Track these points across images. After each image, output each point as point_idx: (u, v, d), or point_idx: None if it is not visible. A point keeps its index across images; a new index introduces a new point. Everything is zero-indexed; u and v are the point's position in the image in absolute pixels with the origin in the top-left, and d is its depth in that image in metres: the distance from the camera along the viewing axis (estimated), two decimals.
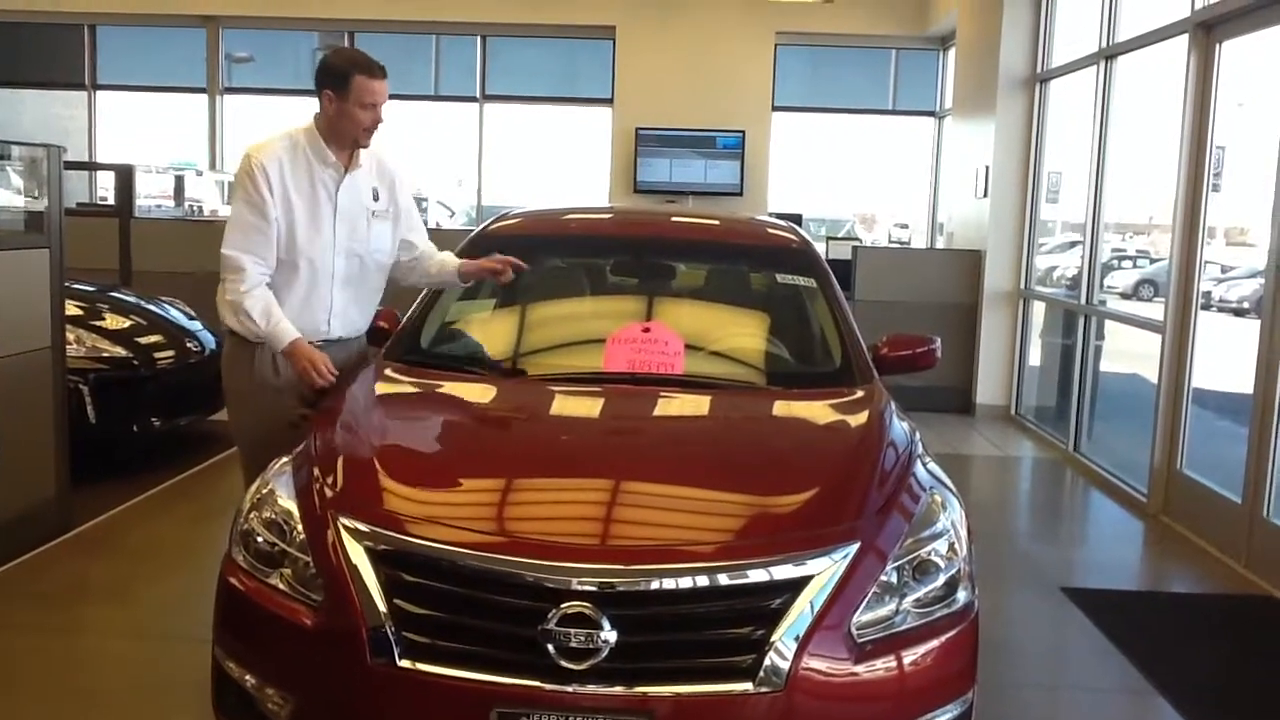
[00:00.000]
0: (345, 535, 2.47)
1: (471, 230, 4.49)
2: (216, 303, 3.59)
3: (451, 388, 3.50)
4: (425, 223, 4.00)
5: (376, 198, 3.66)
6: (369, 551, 2.44)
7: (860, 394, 3.47)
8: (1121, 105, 7.13)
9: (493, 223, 4.39)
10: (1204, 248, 5.80)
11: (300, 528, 2.58)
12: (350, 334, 3.69)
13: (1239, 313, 6.26)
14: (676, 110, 11.10)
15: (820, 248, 4.48)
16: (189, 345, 6.29)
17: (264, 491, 2.75)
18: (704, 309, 4.20)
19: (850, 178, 12.87)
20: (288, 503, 2.66)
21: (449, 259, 3.82)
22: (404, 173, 3.81)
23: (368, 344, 3.81)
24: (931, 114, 11.76)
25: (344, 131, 3.50)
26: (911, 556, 2.57)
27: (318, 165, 3.51)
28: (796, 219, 9.59)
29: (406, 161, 3.74)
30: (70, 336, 5.26)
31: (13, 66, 12.41)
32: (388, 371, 3.53)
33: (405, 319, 3.88)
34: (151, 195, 11.75)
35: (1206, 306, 5.96)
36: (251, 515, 2.71)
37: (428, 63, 12.10)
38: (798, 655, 2.31)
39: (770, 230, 4.55)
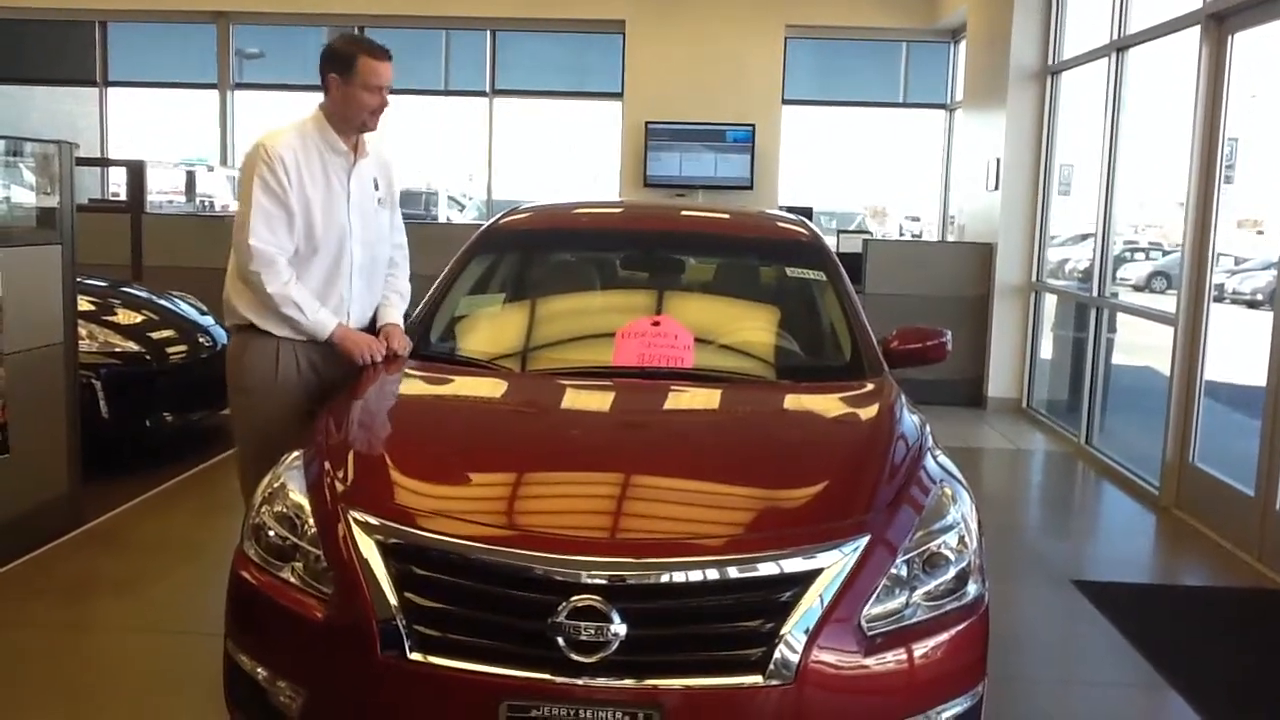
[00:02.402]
0: (356, 529, 2.48)
1: (481, 224, 4.49)
2: (228, 295, 3.58)
3: (461, 382, 3.51)
4: (435, 217, 4.00)
5: (377, 186, 3.69)
6: (379, 545, 2.44)
7: (870, 387, 3.46)
8: (1133, 97, 7.10)
9: (502, 217, 4.40)
10: (1216, 240, 5.77)
11: (311, 521, 2.59)
12: (362, 324, 3.70)
13: (1252, 304, 6.23)
14: (686, 104, 11.08)
15: (830, 241, 4.47)
16: (201, 340, 6.31)
17: (275, 485, 2.75)
18: (714, 303, 4.19)
19: (861, 171, 12.84)
20: (299, 497, 2.67)
21: (387, 310, 3.74)
22: (397, 166, 3.83)
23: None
24: (942, 107, 11.72)
25: (351, 116, 3.51)
26: (921, 549, 2.56)
27: (329, 154, 3.52)
28: (807, 212, 9.57)
29: (413, 156, 3.76)
30: (82, 332, 5.28)
31: (24, 63, 12.46)
32: (398, 366, 3.53)
33: (415, 314, 3.89)
34: (163, 191, 11.79)
35: (1219, 298, 5.94)
36: (263, 509, 2.72)
37: (437, 57, 12.10)
38: (808, 648, 2.31)
39: (780, 224, 4.55)
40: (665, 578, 2.36)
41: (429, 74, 11.95)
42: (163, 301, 6.56)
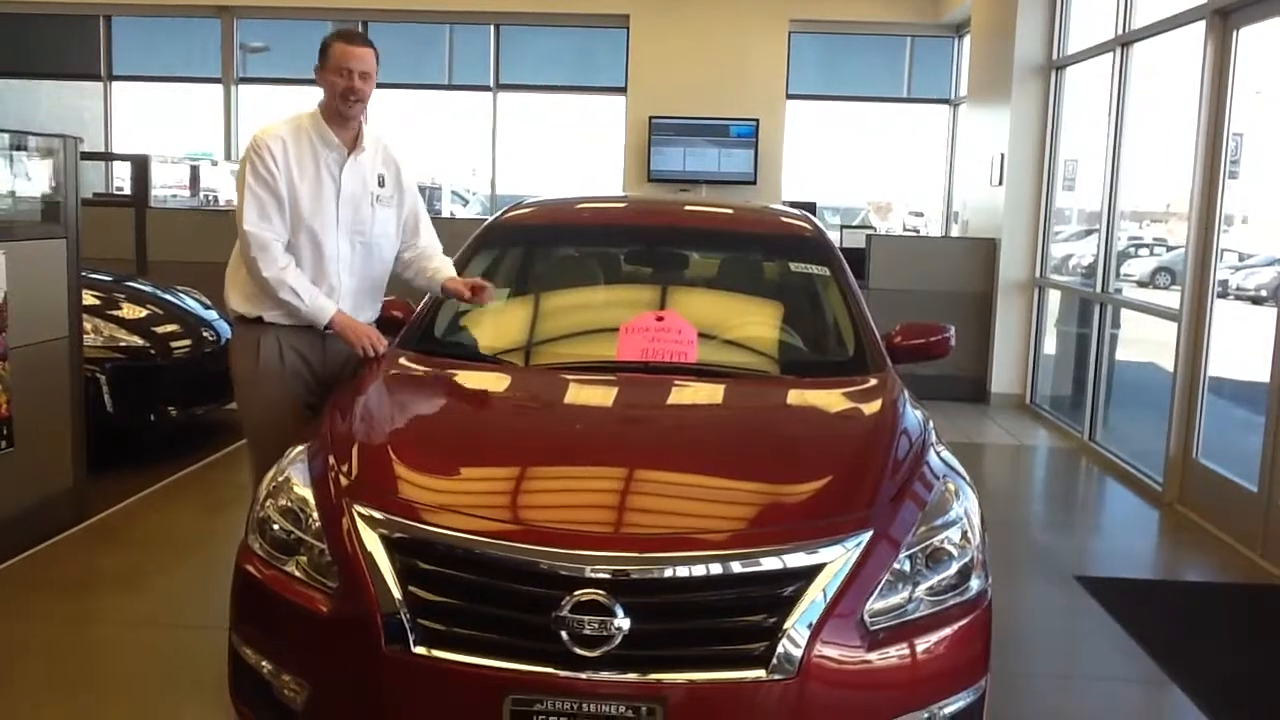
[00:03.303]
0: (360, 523, 2.49)
1: (485, 219, 4.50)
2: (226, 287, 3.61)
3: (465, 376, 3.51)
4: (439, 212, 4.01)
5: (382, 183, 3.68)
6: (384, 539, 2.45)
7: (874, 382, 3.46)
8: (1138, 92, 7.09)
9: (506, 212, 4.40)
10: (1220, 235, 5.77)
11: (316, 515, 2.60)
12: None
13: (1256, 300, 6.22)
14: (690, 99, 11.08)
15: (834, 236, 4.47)
16: (205, 334, 6.31)
17: (280, 479, 2.76)
18: (717, 298, 4.19)
19: (865, 166, 12.84)
20: (303, 490, 2.68)
21: (443, 268, 3.80)
22: (410, 162, 3.83)
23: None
24: (946, 101, 11.71)
25: (330, 104, 3.53)
26: (924, 545, 2.57)
27: (321, 147, 3.54)
28: (811, 207, 9.56)
29: (416, 151, 3.76)
30: (87, 326, 5.28)
31: (29, 57, 12.48)
32: (402, 360, 3.54)
33: (419, 308, 3.89)
34: (167, 185, 11.80)
35: (1223, 294, 5.93)
36: (267, 503, 2.73)
37: (441, 52, 12.10)
38: (810, 643, 2.32)
39: (784, 219, 4.54)
40: (668, 572, 2.36)
41: (433, 69, 11.95)
42: (167, 296, 6.56)
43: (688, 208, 5.25)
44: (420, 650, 2.34)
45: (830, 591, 2.38)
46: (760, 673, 2.30)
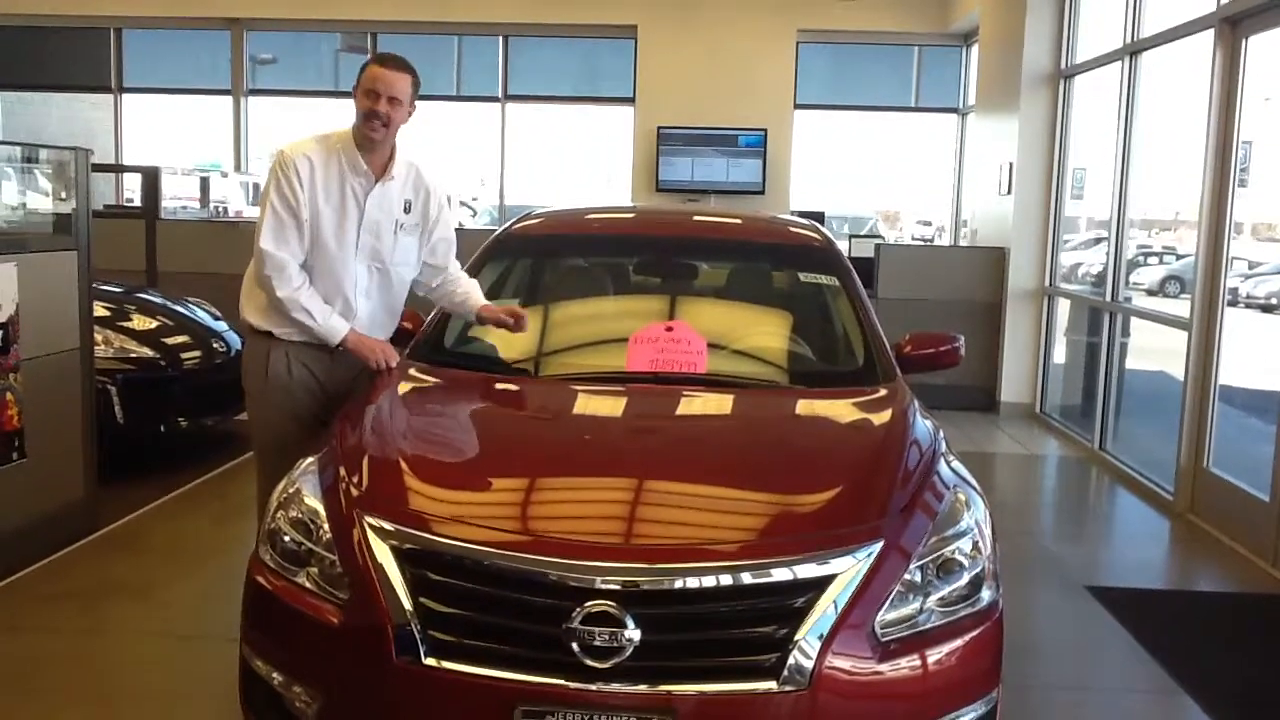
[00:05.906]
0: (371, 534, 2.49)
1: (494, 230, 4.50)
2: (242, 299, 3.62)
3: (475, 387, 3.52)
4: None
5: (408, 210, 3.65)
6: (394, 550, 2.45)
7: (883, 392, 3.46)
8: (1147, 101, 7.08)
9: (516, 222, 4.41)
10: (1230, 243, 5.75)
11: (326, 527, 2.60)
12: None
13: (1266, 309, 6.21)
14: (698, 109, 11.09)
15: (843, 246, 4.47)
16: (215, 346, 6.33)
17: (290, 491, 2.77)
18: (727, 308, 4.20)
19: (873, 175, 12.83)
20: (314, 502, 2.68)
21: (473, 292, 3.75)
22: (442, 190, 3.78)
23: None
24: (955, 111, 11.70)
25: (358, 127, 3.52)
26: (935, 555, 2.56)
27: (349, 172, 3.52)
28: (819, 217, 9.56)
29: (425, 161, 3.73)
30: (98, 337, 5.30)
31: (40, 70, 12.54)
32: (412, 371, 3.55)
33: (429, 319, 3.90)
34: (177, 197, 11.83)
35: (1233, 303, 5.91)
36: (278, 514, 2.73)
37: (450, 63, 12.13)
38: (821, 654, 2.31)
39: (792, 229, 4.55)
40: (679, 583, 2.36)
41: (442, 80, 11.98)
42: (177, 307, 6.59)
43: (696, 218, 5.26)
44: (431, 661, 2.34)
45: (841, 602, 2.37)
46: (771, 684, 2.29)
